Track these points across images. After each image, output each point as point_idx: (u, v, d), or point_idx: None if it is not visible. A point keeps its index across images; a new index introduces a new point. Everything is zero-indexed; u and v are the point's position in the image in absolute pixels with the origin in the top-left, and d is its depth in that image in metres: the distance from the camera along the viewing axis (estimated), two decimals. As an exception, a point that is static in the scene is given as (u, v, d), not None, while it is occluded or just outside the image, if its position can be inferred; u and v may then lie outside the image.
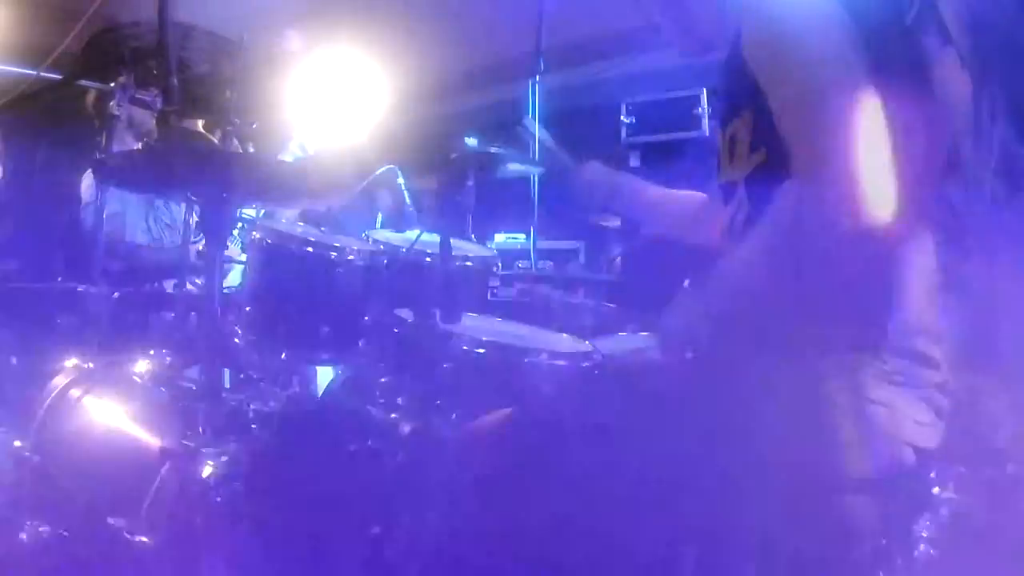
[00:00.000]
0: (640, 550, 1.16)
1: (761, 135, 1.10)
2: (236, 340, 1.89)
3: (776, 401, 1.10)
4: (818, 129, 1.00)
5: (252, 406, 1.67)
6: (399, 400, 1.63)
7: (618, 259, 3.22)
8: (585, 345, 1.72)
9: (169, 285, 2.51)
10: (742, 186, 1.20)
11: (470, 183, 2.05)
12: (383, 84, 2.69)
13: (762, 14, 1.09)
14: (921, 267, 1.19)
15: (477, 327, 1.65)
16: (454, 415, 1.50)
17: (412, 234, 1.95)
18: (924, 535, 1.73)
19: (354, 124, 2.66)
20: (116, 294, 2.15)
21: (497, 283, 2.00)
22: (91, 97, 2.71)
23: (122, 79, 2.14)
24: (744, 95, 1.14)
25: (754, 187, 1.16)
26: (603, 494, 1.12)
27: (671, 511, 1.13)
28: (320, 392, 2.13)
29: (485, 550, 1.14)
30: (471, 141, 1.82)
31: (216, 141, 2.95)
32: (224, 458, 1.48)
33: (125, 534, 1.47)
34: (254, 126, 2.25)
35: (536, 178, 3.18)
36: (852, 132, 0.98)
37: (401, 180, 2.20)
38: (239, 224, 2.08)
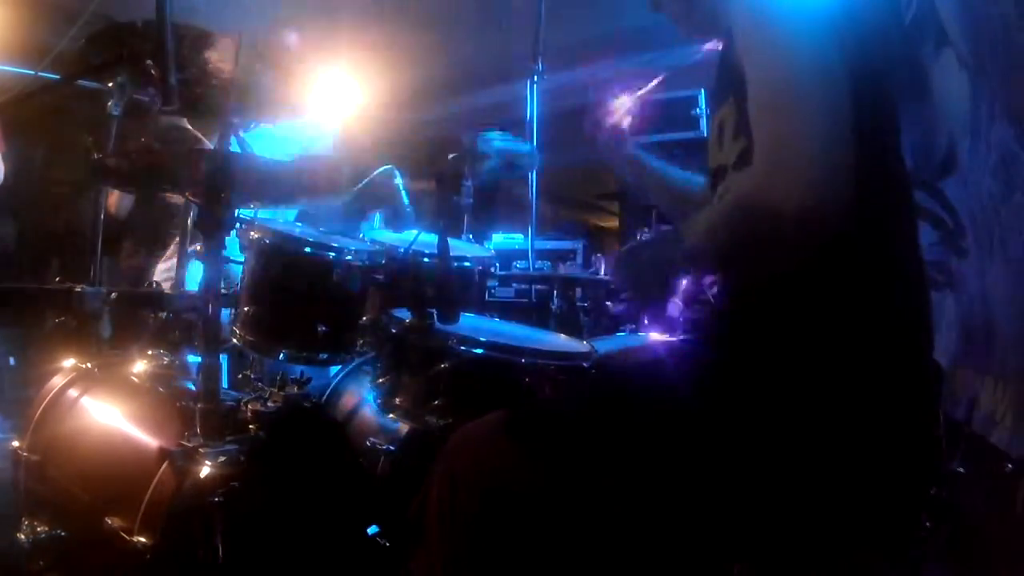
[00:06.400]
0: (641, 553, 1.16)
1: (744, 122, 1.11)
2: (235, 340, 1.89)
3: (769, 401, 1.10)
4: (771, 111, 1.04)
5: (250, 406, 1.67)
6: (397, 400, 1.63)
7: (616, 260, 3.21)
8: (583, 345, 1.72)
9: (167, 286, 2.51)
10: (731, 171, 1.21)
11: (468, 183, 2.06)
12: (381, 84, 2.69)
13: (750, 4, 1.11)
14: (915, 261, 1.20)
15: (475, 327, 1.64)
16: (452, 416, 1.50)
17: (410, 234, 1.95)
18: (923, 534, 1.74)
19: (352, 124, 2.65)
20: (114, 294, 2.14)
21: (495, 283, 2.00)
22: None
23: (120, 79, 2.14)
24: (731, 82, 1.15)
25: (738, 173, 1.18)
26: (604, 494, 1.12)
27: (668, 508, 1.13)
28: (318, 392, 2.13)
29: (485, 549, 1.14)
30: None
31: (201, 137, 2.96)
32: (222, 458, 1.48)
33: (123, 534, 1.47)
34: (253, 126, 2.25)
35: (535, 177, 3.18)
36: (803, 118, 1.00)
37: (399, 180, 2.20)
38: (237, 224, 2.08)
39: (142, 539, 1.44)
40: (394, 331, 1.63)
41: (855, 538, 1.14)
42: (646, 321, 2.00)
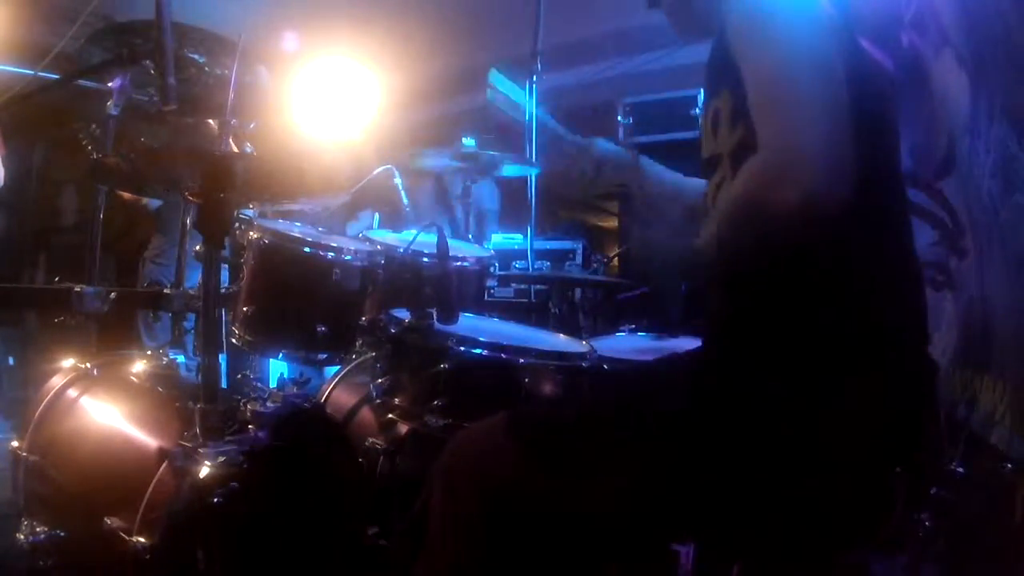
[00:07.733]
0: (639, 548, 1.16)
1: (740, 111, 1.12)
2: (234, 340, 1.89)
3: (767, 400, 1.10)
4: (774, 108, 1.04)
5: (250, 406, 1.67)
6: (397, 400, 1.63)
7: (615, 260, 3.22)
8: (582, 345, 1.72)
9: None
10: (726, 160, 1.21)
11: (468, 184, 2.05)
12: (381, 84, 2.68)
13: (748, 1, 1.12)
14: (908, 258, 1.20)
15: (474, 327, 1.65)
16: (451, 416, 1.50)
17: (410, 234, 1.95)
18: (922, 534, 1.73)
19: (351, 124, 2.65)
20: (114, 294, 2.14)
21: (495, 283, 2.00)
22: None
23: (120, 79, 2.14)
24: (726, 75, 1.16)
25: (737, 162, 1.18)
26: (605, 496, 1.12)
27: (668, 508, 1.13)
28: (318, 392, 2.13)
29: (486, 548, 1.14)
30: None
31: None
32: (222, 458, 1.47)
33: (122, 534, 1.47)
34: (252, 126, 2.25)
35: (534, 178, 3.18)
36: (806, 115, 1.01)
37: (398, 180, 2.20)
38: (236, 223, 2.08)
39: (142, 539, 1.44)
40: (394, 331, 1.63)
41: (854, 537, 1.15)
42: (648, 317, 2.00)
